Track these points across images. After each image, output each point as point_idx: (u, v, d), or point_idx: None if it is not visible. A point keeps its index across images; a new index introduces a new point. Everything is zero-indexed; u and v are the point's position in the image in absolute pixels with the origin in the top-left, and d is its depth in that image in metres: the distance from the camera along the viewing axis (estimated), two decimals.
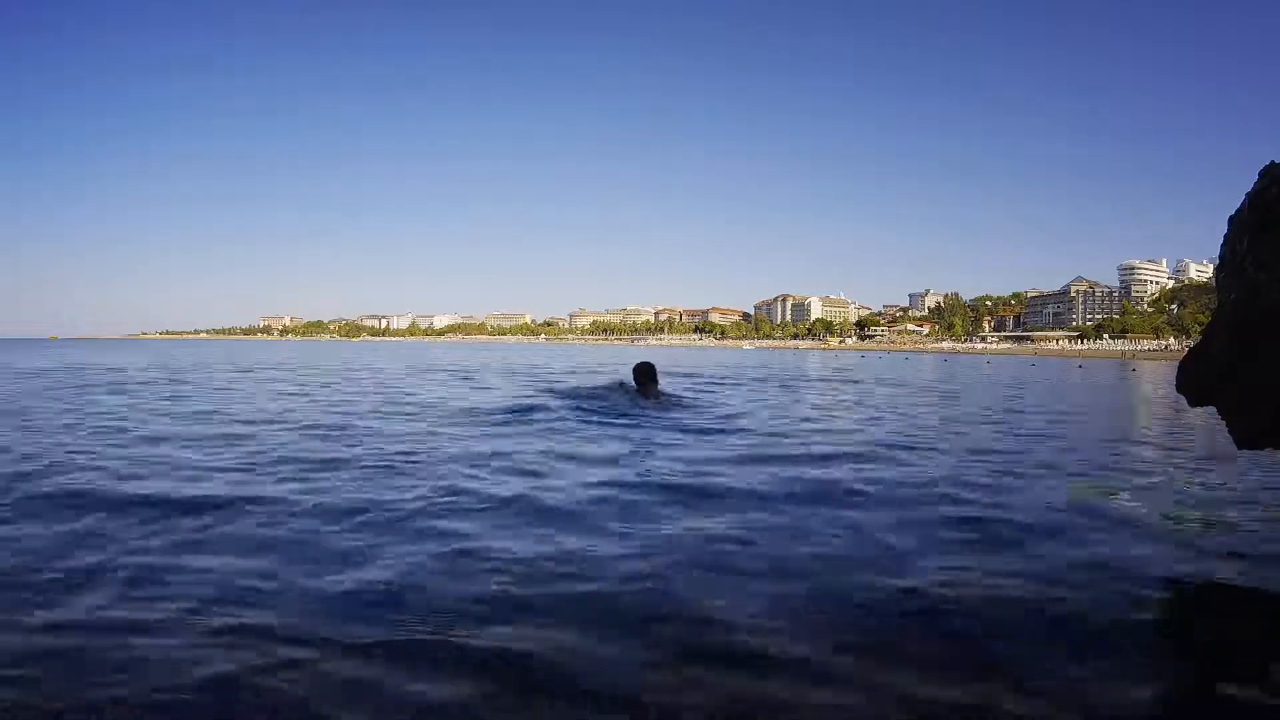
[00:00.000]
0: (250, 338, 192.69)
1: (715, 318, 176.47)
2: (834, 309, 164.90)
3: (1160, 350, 69.69)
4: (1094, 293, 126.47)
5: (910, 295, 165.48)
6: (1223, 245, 3.17)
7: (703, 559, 2.92)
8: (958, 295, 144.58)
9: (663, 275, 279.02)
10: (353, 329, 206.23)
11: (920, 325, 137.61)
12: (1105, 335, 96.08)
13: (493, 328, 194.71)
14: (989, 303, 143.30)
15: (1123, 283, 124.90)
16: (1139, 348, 75.19)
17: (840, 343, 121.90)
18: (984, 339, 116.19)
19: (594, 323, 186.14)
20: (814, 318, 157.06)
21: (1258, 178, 2.96)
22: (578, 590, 2.55)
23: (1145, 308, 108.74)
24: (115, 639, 2.12)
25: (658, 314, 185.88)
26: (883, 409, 9.98)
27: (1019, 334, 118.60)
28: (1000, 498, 4.09)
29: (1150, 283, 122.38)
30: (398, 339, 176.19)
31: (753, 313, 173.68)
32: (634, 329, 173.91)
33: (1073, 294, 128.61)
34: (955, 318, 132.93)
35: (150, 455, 5.17)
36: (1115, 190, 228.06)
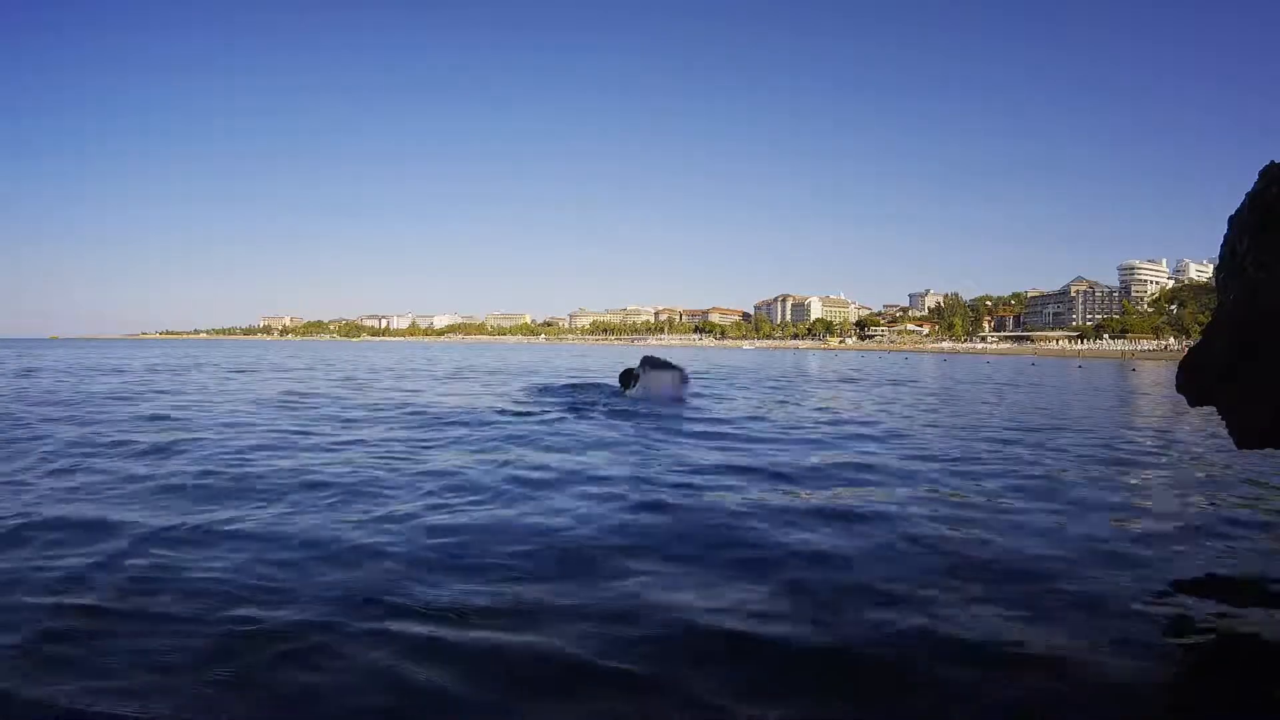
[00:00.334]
0: (250, 338, 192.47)
1: (715, 318, 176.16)
2: (834, 309, 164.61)
3: (1160, 350, 69.55)
4: (1094, 293, 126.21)
5: (910, 295, 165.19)
6: (1223, 245, 3.17)
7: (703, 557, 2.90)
8: (958, 295, 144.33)
9: (663, 275, 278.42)
10: (353, 329, 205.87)
11: (920, 325, 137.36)
12: (1105, 335, 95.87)
13: (493, 328, 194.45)
14: (989, 303, 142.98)
15: (1123, 283, 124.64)
16: (1139, 348, 75.04)
17: (840, 343, 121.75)
18: (984, 339, 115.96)
19: (594, 323, 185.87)
20: (814, 318, 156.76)
21: (1258, 178, 2.96)
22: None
23: (1145, 308, 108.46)
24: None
25: (658, 314, 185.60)
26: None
27: (1019, 334, 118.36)
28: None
29: (1150, 283, 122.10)
30: (398, 339, 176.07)
31: (753, 313, 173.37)
32: (634, 329, 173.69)
33: (1073, 294, 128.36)
34: (955, 318, 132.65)
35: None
36: (1115, 190, 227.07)
